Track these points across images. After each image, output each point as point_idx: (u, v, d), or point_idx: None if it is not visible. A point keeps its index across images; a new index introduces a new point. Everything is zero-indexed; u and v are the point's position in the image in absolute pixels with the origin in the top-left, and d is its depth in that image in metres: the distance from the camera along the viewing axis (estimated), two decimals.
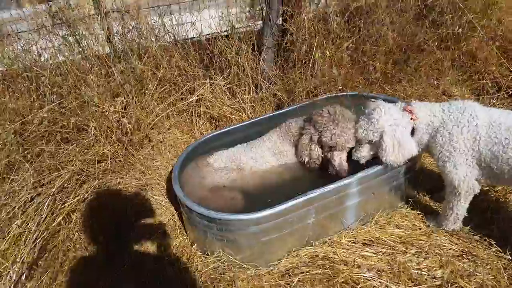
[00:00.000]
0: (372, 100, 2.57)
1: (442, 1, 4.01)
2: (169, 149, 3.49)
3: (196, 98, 3.77)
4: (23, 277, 2.43)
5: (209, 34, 4.02)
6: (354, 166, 2.61)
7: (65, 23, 3.29)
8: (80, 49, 3.40)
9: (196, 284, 2.37)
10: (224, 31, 4.00)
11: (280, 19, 4.01)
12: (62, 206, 2.79)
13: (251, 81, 3.87)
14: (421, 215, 2.73)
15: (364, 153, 2.51)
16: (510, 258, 2.30)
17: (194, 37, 4.04)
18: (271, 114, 3.34)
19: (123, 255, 2.63)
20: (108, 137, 3.14)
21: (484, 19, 3.89)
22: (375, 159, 2.53)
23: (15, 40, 3.34)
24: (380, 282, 2.24)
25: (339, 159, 2.66)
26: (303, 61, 3.93)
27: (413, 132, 2.40)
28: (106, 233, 2.77)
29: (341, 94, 3.45)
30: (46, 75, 3.08)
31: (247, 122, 3.29)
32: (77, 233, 2.75)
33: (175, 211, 2.91)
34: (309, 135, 2.75)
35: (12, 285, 2.36)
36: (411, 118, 2.35)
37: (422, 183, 2.97)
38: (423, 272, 2.29)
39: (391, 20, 3.98)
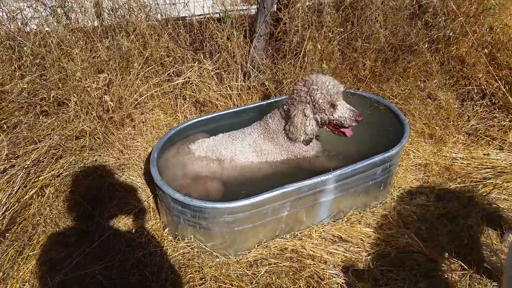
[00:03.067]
0: None
1: (436, 2, 3.99)
2: (150, 130, 3.45)
3: (183, 80, 3.73)
4: None
5: (201, 15, 3.96)
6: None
7: None
8: (68, 22, 3.32)
9: (164, 269, 2.38)
10: (216, 13, 3.94)
11: (275, 6, 3.96)
12: (36, 180, 2.75)
13: (240, 68, 3.84)
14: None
15: None
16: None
17: (186, 17, 3.97)
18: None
19: (93, 234, 2.61)
20: (88, 114, 3.09)
21: (476, 25, 3.88)
22: None
23: None
24: (344, 279, 2.27)
25: (342, 107, 2.57)
26: (294, 53, 3.90)
27: None
28: (79, 211, 2.75)
29: None
30: (29, 45, 3.01)
31: (232, 110, 3.24)
32: (48, 208, 2.72)
33: (150, 194, 2.91)
34: (300, 111, 2.60)
35: None
36: None
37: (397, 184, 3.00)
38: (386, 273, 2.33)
39: (385, 18, 3.96)
